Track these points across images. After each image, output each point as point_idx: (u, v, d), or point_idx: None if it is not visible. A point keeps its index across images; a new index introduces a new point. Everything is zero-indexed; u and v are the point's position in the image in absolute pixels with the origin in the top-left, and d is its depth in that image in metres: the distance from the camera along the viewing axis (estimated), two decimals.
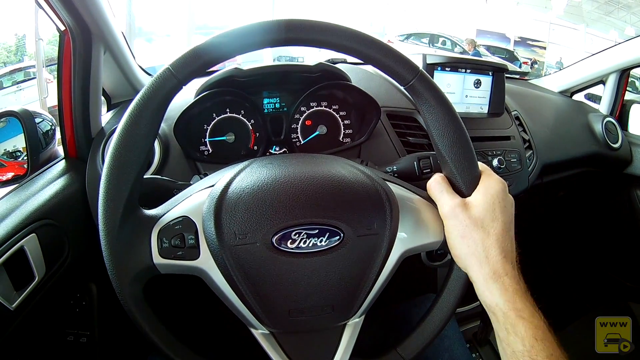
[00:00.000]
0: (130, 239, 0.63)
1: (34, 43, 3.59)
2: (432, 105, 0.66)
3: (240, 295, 0.64)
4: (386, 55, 0.64)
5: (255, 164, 0.72)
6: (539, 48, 10.16)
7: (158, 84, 0.61)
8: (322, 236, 0.63)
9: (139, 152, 0.62)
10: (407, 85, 0.66)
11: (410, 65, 0.65)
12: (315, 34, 0.62)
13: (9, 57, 6.72)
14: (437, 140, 0.68)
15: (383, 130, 1.23)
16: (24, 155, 1.07)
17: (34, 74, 5.50)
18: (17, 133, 1.05)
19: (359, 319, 0.72)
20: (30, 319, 0.90)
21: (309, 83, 1.16)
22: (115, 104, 1.34)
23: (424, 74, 0.66)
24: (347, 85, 1.17)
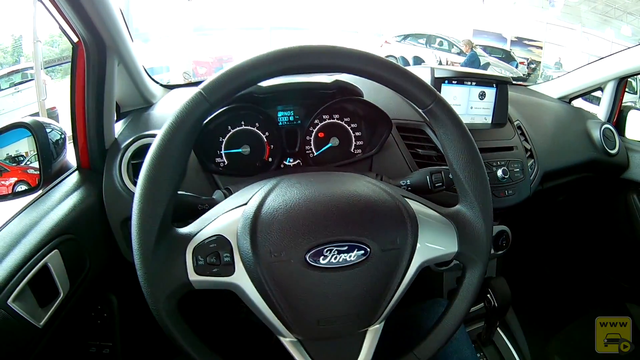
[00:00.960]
0: (166, 258, 0.65)
1: (30, 44, 3.59)
2: (449, 129, 0.73)
3: (272, 307, 0.67)
4: (406, 81, 0.70)
5: (284, 183, 0.75)
6: (535, 48, 10.16)
7: (190, 107, 0.64)
8: (351, 252, 0.66)
9: (173, 173, 0.65)
10: (426, 109, 0.72)
11: (429, 90, 0.71)
12: (342, 60, 0.67)
13: (5, 58, 6.70)
14: (452, 160, 0.75)
15: (393, 142, 1.26)
16: (26, 160, 1.07)
17: (31, 75, 5.49)
18: (20, 138, 1.06)
19: (379, 324, 0.76)
20: (57, 335, 0.91)
21: (323, 98, 1.19)
22: (125, 112, 1.35)
23: (442, 98, 0.72)
24: (360, 100, 1.20)
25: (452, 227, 0.76)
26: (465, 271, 0.79)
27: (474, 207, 0.76)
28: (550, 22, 10.46)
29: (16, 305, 0.79)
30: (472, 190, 0.75)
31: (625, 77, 1.91)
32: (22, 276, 0.82)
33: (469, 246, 0.76)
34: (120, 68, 1.20)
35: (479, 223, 0.76)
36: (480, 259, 0.77)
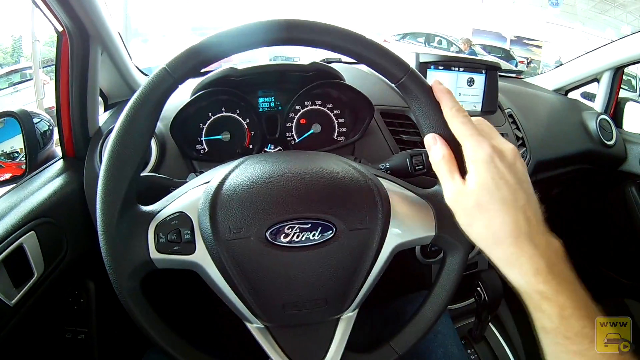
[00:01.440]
0: (128, 235, 0.64)
1: (30, 44, 3.58)
2: (422, 103, 0.66)
3: (235, 290, 0.65)
4: (377, 54, 0.66)
5: (249, 161, 0.73)
6: (534, 47, 10.11)
7: (154, 83, 0.62)
8: (314, 230, 0.64)
9: (136, 149, 0.63)
10: (398, 82, 0.67)
11: (401, 63, 0.66)
12: (307, 34, 0.63)
13: (5, 58, 6.71)
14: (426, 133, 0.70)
15: (377, 128, 1.25)
16: (21, 157, 1.07)
17: (30, 75, 5.49)
18: (14, 134, 1.06)
19: (352, 313, 0.73)
20: (29, 316, 0.91)
21: (303, 82, 1.17)
22: (112, 104, 1.34)
23: (414, 71, 0.67)
24: (341, 84, 1.19)
25: (430, 209, 0.72)
26: (446, 257, 0.75)
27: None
28: (549, 21, 10.43)
29: None
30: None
31: (622, 66, 1.89)
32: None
33: (448, 229, 0.71)
34: (104, 57, 1.20)
35: None
36: (462, 243, 0.72)
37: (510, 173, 0.59)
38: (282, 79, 1.20)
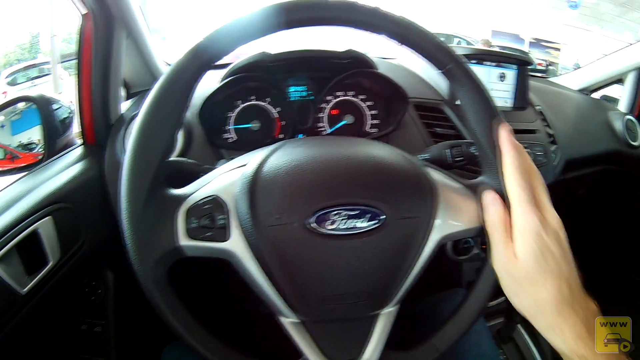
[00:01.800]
0: (155, 219, 0.58)
1: (47, 41, 3.59)
2: (468, 90, 0.64)
3: (272, 280, 0.59)
4: (423, 39, 0.62)
5: (289, 144, 0.67)
6: (553, 49, 9.95)
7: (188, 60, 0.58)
8: (362, 217, 0.58)
9: (168, 127, 0.59)
10: (444, 69, 0.64)
11: (448, 50, 0.63)
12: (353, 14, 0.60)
13: (22, 54, 6.74)
14: (474, 125, 0.66)
15: (410, 121, 1.19)
16: (39, 147, 1.03)
17: (48, 70, 5.51)
18: (32, 125, 1.04)
19: (392, 308, 0.66)
20: (42, 306, 0.85)
21: (336, 70, 1.12)
22: (134, 93, 1.31)
23: (461, 58, 0.64)
24: (376, 74, 1.14)
25: (475, 200, 0.66)
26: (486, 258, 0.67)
27: (497, 176, 0.65)
28: (567, 24, 10.30)
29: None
30: (496, 157, 0.65)
31: None
32: (8, 239, 0.77)
33: None
34: (129, 43, 1.15)
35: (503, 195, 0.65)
36: None
37: (555, 244, 0.59)
38: (315, 66, 1.15)
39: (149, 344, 1.19)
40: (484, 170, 0.69)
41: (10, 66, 6.26)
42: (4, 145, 1.04)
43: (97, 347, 1.13)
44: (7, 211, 0.82)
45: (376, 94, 1.19)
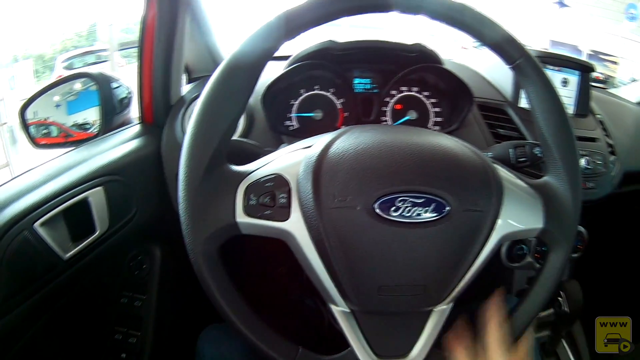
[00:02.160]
0: (214, 193, 0.57)
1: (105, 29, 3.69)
2: (538, 87, 0.63)
3: (328, 265, 0.57)
4: (494, 32, 0.61)
5: (356, 129, 0.64)
6: (610, 62, 9.63)
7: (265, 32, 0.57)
8: (427, 206, 0.55)
9: (235, 101, 0.57)
10: (514, 64, 0.63)
11: (518, 45, 0.62)
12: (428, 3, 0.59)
13: (79, 41, 6.93)
14: (541, 123, 0.65)
15: (473, 120, 1.16)
16: (93, 128, 1.05)
17: (105, 57, 5.66)
18: (88, 106, 1.05)
19: (446, 306, 0.64)
20: (83, 273, 0.85)
21: (402, 63, 1.09)
22: (195, 78, 1.30)
23: (531, 53, 0.62)
24: (442, 70, 1.10)
25: (539, 200, 0.64)
26: (549, 253, 0.67)
27: (563, 179, 0.65)
28: (625, 36, 9.92)
29: (43, 230, 0.73)
30: (561, 159, 0.64)
31: None
32: (56, 203, 0.77)
33: (555, 223, 0.64)
34: (192, 27, 1.15)
35: (567, 197, 0.65)
36: (566, 240, 0.65)
37: None
38: (381, 58, 1.13)
39: (187, 325, 1.18)
40: (549, 170, 0.67)
41: (67, 51, 6.45)
42: (59, 124, 1.05)
43: (134, 322, 1.11)
44: (57, 177, 0.81)
45: (441, 91, 1.16)
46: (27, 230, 0.71)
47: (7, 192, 0.74)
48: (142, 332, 1.09)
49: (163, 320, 1.14)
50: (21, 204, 0.72)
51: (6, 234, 0.68)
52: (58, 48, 6.65)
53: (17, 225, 0.70)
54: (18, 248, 0.69)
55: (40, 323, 0.82)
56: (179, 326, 1.22)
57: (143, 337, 1.09)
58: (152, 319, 1.11)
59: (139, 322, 1.10)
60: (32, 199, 0.74)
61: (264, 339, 0.60)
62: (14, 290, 0.69)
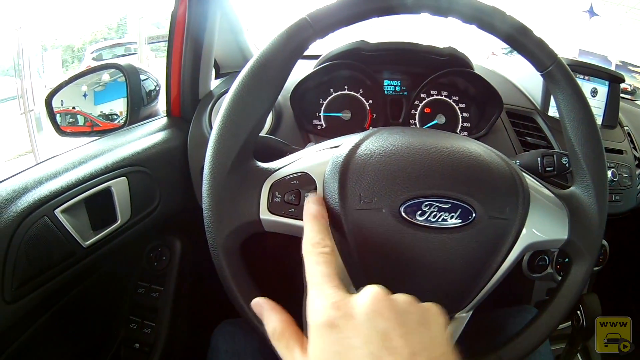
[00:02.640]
0: (238, 189, 0.56)
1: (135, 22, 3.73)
2: (569, 95, 0.62)
3: (349, 265, 0.55)
4: (526, 37, 0.61)
5: (385, 131, 0.63)
6: (639, 74, 9.40)
7: (292, 31, 0.56)
8: (453, 212, 0.54)
9: (264, 97, 0.56)
10: (545, 71, 0.62)
11: (550, 51, 0.61)
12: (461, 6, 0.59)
13: (109, 33, 7.01)
14: (570, 132, 0.64)
15: (502, 127, 1.14)
16: (120, 119, 1.05)
17: (134, 50, 5.71)
18: (115, 98, 1.06)
19: (466, 313, 0.63)
20: (102, 261, 0.84)
21: (433, 67, 1.07)
22: (224, 73, 1.29)
23: (563, 61, 0.61)
24: (472, 75, 1.08)
25: (565, 211, 0.63)
26: (571, 265, 0.65)
27: (590, 190, 0.63)
28: None
29: (64, 217, 0.73)
30: (589, 170, 0.63)
31: None
32: (79, 191, 0.76)
33: (579, 235, 0.62)
34: (223, 22, 1.14)
35: (593, 210, 0.63)
36: (590, 253, 0.63)
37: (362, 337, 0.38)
38: (412, 60, 1.11)
39: (202, 319, 1.17)
40: (576, 181, 0.66)
41: (97, 43, 6.53)
42: (85, 113, 1.06)
43: (149, 313, 1.11)
44: (81, 166, 0.80)
45: (470, 97, 1.14)
46: (48, 216, 0.71)
47: (29, 177, 0.73)
48: (157, 324, 1.09)
49: (178, 313, 1.13)
50: (43, 190, 0.72)
51: (26, 218, 0.67)
52: (87, 39, 6.74)
53: (38, 210, 0.69)
54: (38, 233, 0.69)
55: (55, 309, 0.81)
56: (194, 320, 1.21)
57: (158, 328, 1.08)
58: (168, 311, 1.10)
59: (155, 314, 1.10)
60: (55, 185, 0.74)
61: None
62: (30, 275, 0.68)
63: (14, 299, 0.66)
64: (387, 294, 0.42)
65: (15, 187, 0.70)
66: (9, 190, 0.69)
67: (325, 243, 0.48)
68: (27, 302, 0.69)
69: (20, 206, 0.68)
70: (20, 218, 0.67)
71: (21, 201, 0.68)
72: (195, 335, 1.20)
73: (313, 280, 0.44)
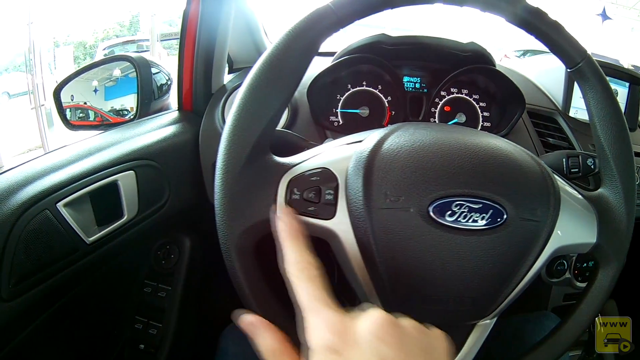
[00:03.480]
0: (253, 184, 0.52)
1: (148, 19, 3.73)
2: (599, 93, 0.60)
3: (372, 270, 0.52)
4: (556, 32, 0.58)
5: (410, 125, 0.59)
6: None
7: (314, 17, 0.52)
8: (484, 213, 0.51)
9: (282, 87, 0.52)
10: (575, 67, 0.59)
11: (580, 47, 0.59)
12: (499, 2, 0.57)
13: (121, 31, 7.05)
14: (599, 131, 0.61)
15: (523, 127, 1.10)
16: (130, 114, 1.03)
17: (146, 47, 5.73)
18: (127, 93, 1.03)
19: (490, 320, 0.60)
20: (107, 259, 0.81)
21: (454, 63, 1.04)
22: (237, 69, 1.25)
23: (592, 58, 0.59)
24: (495, 72, 1.05)
25: (593, 213, 0.60)
26: (597, 270, 0.62)
27: (619, 192, 0.61)
28: None
29: (67, 211, 0.69)
30: (619, 171, 0.61)
31: None
32: (83, 184, 0.73)
33: (608, 239, 0.60)
34: (237, 18, 1.11)
35: (622, 212, 0.61)
36: (618, 258, 0.61)
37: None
38: (433, 56, 1.07)
39: (210, 320, 1.12)
40: (604, 183, 0.63)
41: (109, 40, 6.56)
42: (95, 108, 1.04)
43: (156, 313, 1.07)
44: (86, 158, 0.77)
45: (491, 95, 1.11)
46: (50, 210, 0.68)
47: (31, 169, 0.70)
48: (163, 324, 1.05)
49: (186, 314, 1.09)
50: (45, 182, 0.69)
51: (26, 211, 0.64)
52: (100, 36, 6.78)
53: (39, 203, 0.66)
54: (38, 228, 0.66)
55: (56, 308, 0.78)
56: (202, 321, 1.18)
57: (164, 329, 1.05)
58: (176, 312, 1.07)
59: (161, 314, 1.06)
60: (58, 177, 0.70)
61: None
62: (29, 271, 0.65)
63: (10, 297, 0.63)
64: (389, 319, 0.40)
65: (16, 178, 0.67)
66: (9, 182, 0.66)
67: (308, 261, 0.45)
68: (25, 300, 0.66)
69: (20, 198, 0.65)
70: (20, 211, 0.64)
71: (21, 193, 0.66)
72: (203, 337, 1.17)
73: (307, 305, 0.42)
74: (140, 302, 1.07)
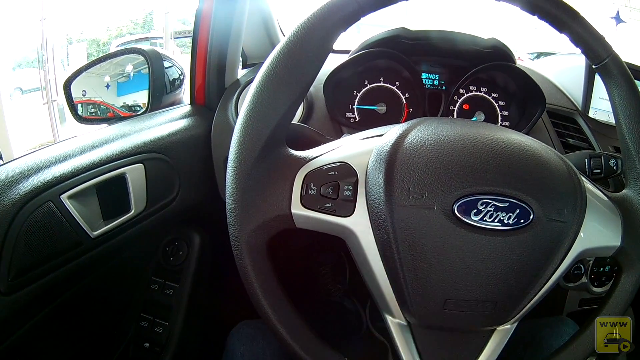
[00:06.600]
0: (267, 179, 0.50)
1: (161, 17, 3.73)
2: (624, 91, 0.58)
3: (392, 271, 0.50)
4: (582, 27, 0.57)
5: (433, 120, 0.57)
6: None
7: (335, 4, 0.50)
8: (510, 212, 0.48)
9: (299, 76, 0.50)
10: (600, 63, 0.58)
11: (606, 43, 0.58)
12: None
13: (135, 28, 7.06)
14: (624, 130, 0.60)
15: (542, 127, 1.08)
16: (143, 110, 1.01)
17: (160, 45, 5.74)
18: (139, 89, 1.02)
19: (510, 325, 0.57)
20: (112, 254, 0.79)
21: (474, 59, 1.02)
22: (251, 64, 1.24)
23: (618, 54, 0.58)
24: (515, 70, 1.03)
25: (618, 215, 0.58)
26: (620, 275, 0.61)
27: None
28: None
29: (71, 203, 0.67)
30: None
31: None
32: (89, 176, 0.71)
33: (632, 242, 0.58)
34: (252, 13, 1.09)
35: None
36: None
37: None
38: (452, 52, 1.05)
39: (218, 319, 1.12)
40: (629, 183, 0.61)
41: (122, 37, 6.58)
42: (107, 104, 1.02)
43: (162, 311, 1.05)
44: (94, 150, 0.75)
45: (510, 94, 1.08)
46: (53, 202, 0.65)
47: (36, 160, 0.68)
48: (170, 323, 1.02)
49: (194, 312, 1.07)
50: (49, 173, 0.67)
51: (28, 202, 0.62)
52: (113, 34, 6.79)
53: (42, 194, 0.64)
54: (40, 220, 0.64)
55: (58, 303, 0.76)
56: (209, 320, 1.15)
57: (170, 327, 1.02)
58: (183, 310, 1.04)
59: (168, 312, 1.03)
60: (63, 169, 0.68)
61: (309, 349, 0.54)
62: (30, 265, 0.63)
63: (9, 290, 0.61)
64: None
65: (19, 169, 0.65)
66: (12, 172, 0.64)
67: None
68: (25, 294, 0.64)
69: (22, 189, 0.62)
70: (22, 202, 0.61)
71: (24, 184, 0.63)
72: (210, 336, 1.14)
73: None
74: (147, 300, 1.04)
